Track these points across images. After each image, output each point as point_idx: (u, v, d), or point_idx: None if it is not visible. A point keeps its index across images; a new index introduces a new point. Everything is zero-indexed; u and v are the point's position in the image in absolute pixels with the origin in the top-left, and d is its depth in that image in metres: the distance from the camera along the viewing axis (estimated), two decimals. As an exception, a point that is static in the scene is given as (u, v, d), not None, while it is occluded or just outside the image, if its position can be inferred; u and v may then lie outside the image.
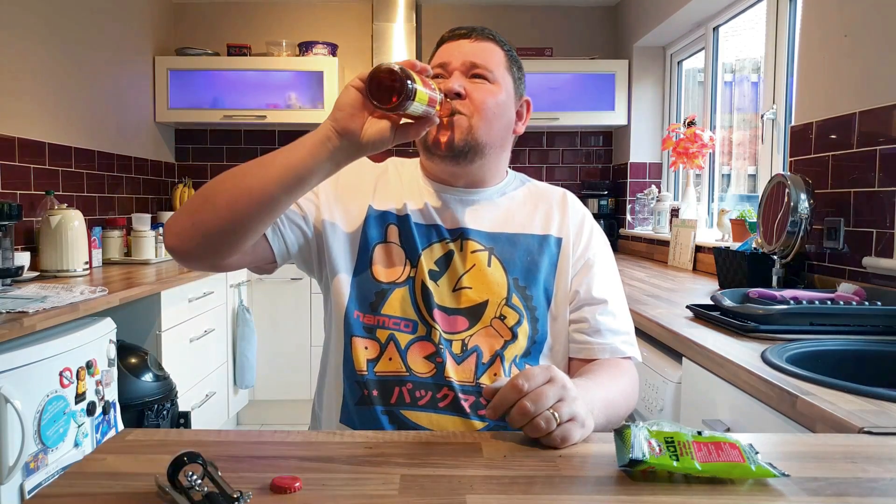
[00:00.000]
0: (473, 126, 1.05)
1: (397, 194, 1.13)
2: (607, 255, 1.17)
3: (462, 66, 1.07)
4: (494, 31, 1.12)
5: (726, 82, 3.44)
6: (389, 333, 1.05)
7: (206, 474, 0.65)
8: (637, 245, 3.79)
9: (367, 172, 1.17)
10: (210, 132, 4.22)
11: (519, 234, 1.11)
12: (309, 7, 4.17)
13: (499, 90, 1.08)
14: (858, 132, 1.82)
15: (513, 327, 1.05)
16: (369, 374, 1.04)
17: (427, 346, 1.04)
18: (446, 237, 1.10)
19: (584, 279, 1.11)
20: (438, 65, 1.08)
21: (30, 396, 1.67)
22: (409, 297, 1.06)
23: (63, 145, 2.94)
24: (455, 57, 1.08)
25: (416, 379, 1.03)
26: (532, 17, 4.18)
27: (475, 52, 1.08)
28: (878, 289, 1.68)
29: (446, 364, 1.03)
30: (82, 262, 2.58)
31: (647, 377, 1.70)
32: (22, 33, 2.66)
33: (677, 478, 0.70)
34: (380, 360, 1.04)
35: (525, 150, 4.24)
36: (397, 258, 1.08)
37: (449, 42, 1.11)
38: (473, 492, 0.67)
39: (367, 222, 1.10)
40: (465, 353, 1.04)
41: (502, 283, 1.07)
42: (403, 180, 1.15)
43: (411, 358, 1.03)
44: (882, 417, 0.92)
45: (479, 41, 1.09)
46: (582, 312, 1.10)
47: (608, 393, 0.96)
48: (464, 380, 1.03)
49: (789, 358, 1.24)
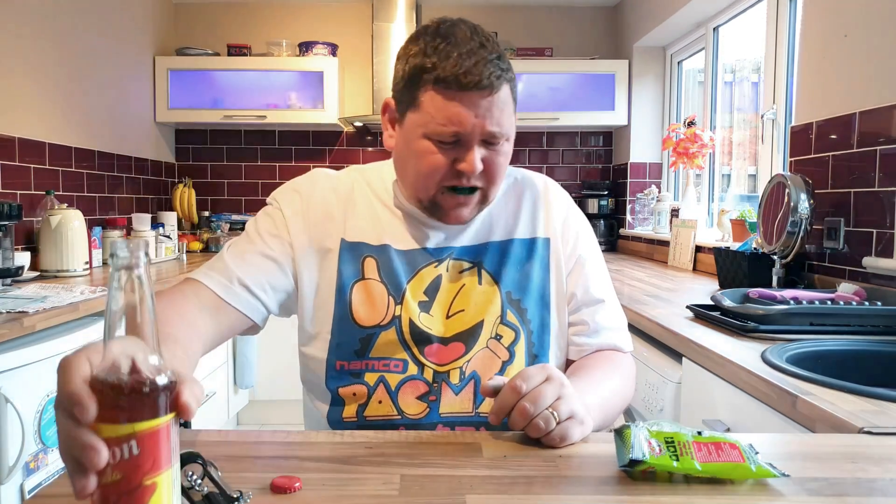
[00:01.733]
0: (487, 195, 1.00)
1: (371, 220, 1.04)
2: (596, 249, 1.14)
3: (480, 138, 0.94)
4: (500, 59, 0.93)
5: (726, 82, 3.44)
6: (379, 375, 0.99)
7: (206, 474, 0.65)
8: (637, 245, 3.78)
9: (335, 198, 1.06)
10: (210, 132, 4.22)
11: (506, 240, 1.06)
12: (309, 7, 4.17)
13: (509, 143, 0.98)
14: (858, 132, 1.82)
15: (510, 346, 1.02)
16: (359, 419, 0.99)
17: (419, 386, 0.99)
18: (432, 260, 1.03)
19: (579, 280, 1.08)
20: (451, 134, 0.92)
21: (30, 396, 1.67)
22: (398, 338, 1.00)
23: (63, 145, 2.94)
24: (473, 128, 0.92)
25: (409, 421, 0.98)
26: (532, 17, 4.18)
27: (493, 116, 0.92)
28: (878, 289, 1.68)
29: (440, 402, 0.98)
30: (82, 262, 2.58)
31: (647, 377, 1.70)
32: (22, 33, 2.65)
33: (677, 478, 0.70)
34: (368, 404, 0.99)
35: (525, 150, 4.24)
36: (378, 297, 1.00)
37: (459, 96, 0.91)
38: (473, 492, 0.67)
39: (340, 258, 1.02)
40: (464, 382, 1.00)
41: (495, 300, 1.02)
42: (374, 202, 1.06)
43: (402, 400, 0.98)
44: (882, 417, 0.92)
45: (494, 93, 0.92)
46: (581, 315, 1.08)
47: (603, 392, 0.96)
48: (461, 411, 0.99)
49: (789, 358, 1.24)
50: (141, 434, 0.52)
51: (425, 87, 0.93)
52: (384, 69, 3.89)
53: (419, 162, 0.96)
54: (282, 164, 4.25)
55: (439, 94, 0.92)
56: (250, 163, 4.25)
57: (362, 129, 4.21)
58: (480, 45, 0.92)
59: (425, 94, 0.93)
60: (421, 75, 0.93)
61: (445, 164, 0.95)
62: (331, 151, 4.25)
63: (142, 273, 0.54)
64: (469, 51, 0.91)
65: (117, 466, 0.52)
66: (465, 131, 0.92)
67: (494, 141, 0.95)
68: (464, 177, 0.95)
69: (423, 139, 0.95)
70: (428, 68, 0.92)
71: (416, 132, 0.95)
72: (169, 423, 0.54)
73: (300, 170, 4.21)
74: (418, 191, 0.99)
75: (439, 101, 0.92)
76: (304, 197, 1.05)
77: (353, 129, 4.20)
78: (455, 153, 0.94)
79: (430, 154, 0.95)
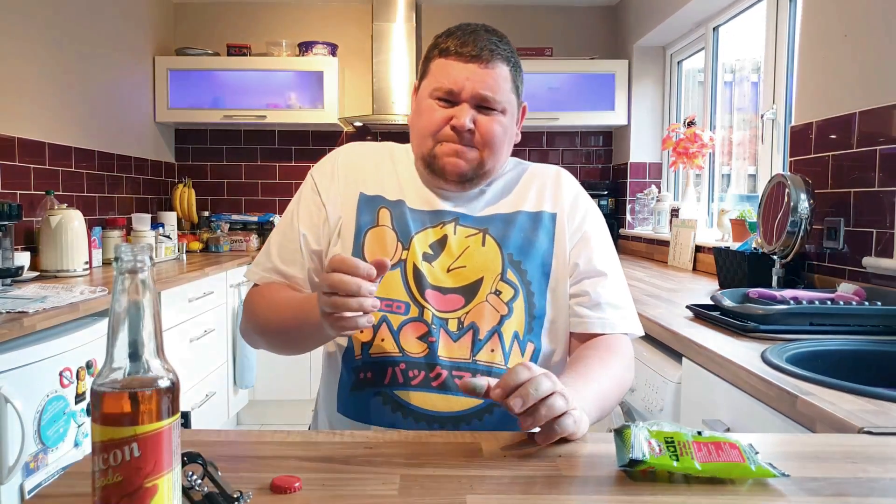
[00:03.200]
0: (483, 159, 1.08)
1: (392, 180, 1.15)
2: (604, 230, 1.18)
3: (471, 98, 1.05)
4: (501, 41, 1.08)
5: (726, 82, 3.44)
6: (382, 315, 1.05)
7: (206, 474, 0.65)
8: (637, 245, 3.79)
9: (367, 157, 1.19)
10: (210, 132, 4.22)
11: (512, 212, 1.13)
12: (309, 7, 4.17)
13: (505, 117, 1.08)
14: (858, 132, 1.82)
15: (508, 302, 1.06)
16: (364, 356, 1.06)
17: (420, 327, 1.05)
18: (441, 221, 1.11)
19: (582, 251, 1.12)
20: (446, 90, 1.06)
21: (30, 396, 1.67)
22: (401, 278, 1.07)
23: (63, 145, 2.94)
24: (465, 87, 1.05)
25: (409, 359, 1.04)
26: (532, 17, 4.18)
27: (486, 82, 1.05)
28: (878, 289, 1.68)
29: (439, 343, 1.04)
30: (82, 262, 2.58)
31: (647, 377, 1.70)
32: (22, 33, 2.65)
33: (677, 478, 0.70)
34: (373, 342, 1.05)
35: (525, 150, 4.24)
36: (389, 241, 1.09)
37: (457, 61, 1.06)
38: (473, 492, 0.67)
39: (358, 208, 1.12)
40: (462, 331, 1.05)
41: (496, 259, 1.08)
42: (399, 168, 1.17)
43: (404, 339, 1.04)
44: (882, 417, 0.92)
45: (490, 67, 1.05)
46: (582, 286, 1.11)
47: (600, 386, 0.97)
48: (459, 357, 1.04)
49: (789, 358, 1.24)
50: (142, 437, 0.52)
51: (434, 58, 1.09)
52: (384, 69, 3.89)
53: (420, 118, 1.10)
54: (282, 164, 4.25)
55: (443, 60, 1.08)
56: (250, 163, 4.25)
57: (362, 129, 4.21)
58: (486, 30, 1.09)
59: (434, 62, 1.09)
60: (433, 50, 1.10)
61: (441, 117, 1.07)
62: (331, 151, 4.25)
63: (146, 277, 0.54)
64: (473, 31, 1.08)
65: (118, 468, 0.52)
66: (457, 88, 1.05)
67: (487, 105, 1.06)
68: (458, 134, 1.06)
69: (427, 99, 1.09)
70: (439, 43, 1.09)
71: (424, 94, 1.11)
72: (171, 426, 0.54)
73: (300, 170, 4.23)
74: (420, 146, 1.11)
75: (442, 64, 1.07)
76: (332, 161, 1.20)
77: (353, 129, 4.20)
78: (451, 112, 1.06)
79: (431, 111, 1.08)
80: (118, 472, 0.52)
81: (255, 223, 4.01)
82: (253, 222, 4.01)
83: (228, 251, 3.80)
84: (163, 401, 0.53)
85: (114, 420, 0.52)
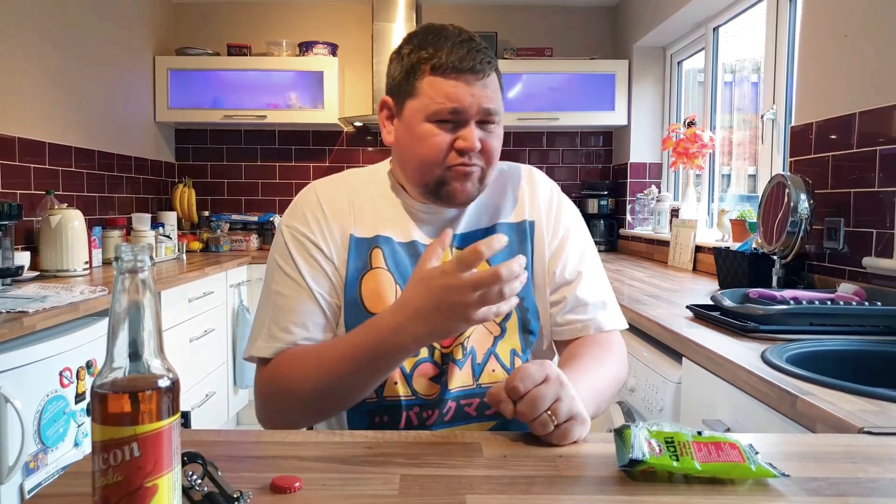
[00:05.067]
0: (486, 175, 1.05)
1: (373, 216, 1.09)
2: (579, 227, 1.16)
3: (477, 115, 1.00)
4: (482, 44, 1.03)
5: (726, 82, 3.44)
6: None
7: (207, 474, 0.65)
8: (637, 245, 3.79)
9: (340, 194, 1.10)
10: (210, 132, 4.22)
11: (493, 226, 1.10)
12: (309, 7, 4.17)
13: (500, 127, 1.05)
14: (858, 132, 1.82)
15: (500, 322, 1.06)
16: (379, 399, 1.03)
17: (430, 368, 1.03)
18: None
19: (559, 260, 1.11)
20: (449, 111, 0.99)
21: (30, 396, 1.67)
22: None
23: (63, 145, 2.94)
24: (470, 104, 0.99)
25: (423, 402, 1.02)
26: (532, 17, 4.18)
27: (487, 95, 1.00)
28: (878, 289, 1.68)
29: (449, 380, 1.02)
30: (82, 261, 2.58)
31: (647, 377, 1.70)
32: (22, 33, 2.65)
33: (677, 478, 0.70)
34: (385, 384, 1.02)
35: (525, 150, 4.23)
36: (387, 284, 1.04)
37: (456, 78, 0.99)
38: (473, 492, 0.67)
39: (349, 252, 1.06)
40: (465, 356, 1.04)
41: None
42: (376, 200, 1.10)
43: (417, 382, 1.03)
44: (882, 417, 0.92)
45: (487, 79, 1.00)
46: (561, 292, 1.10)
47: (595, 382, 0.97)
48: (464, 385, 1.03)
49: (789, 358, 1.24)
50: (142, 436, 0.52)
51: (423, 75, 1.00)
52: (384, 69, 3.88)
53: (422, 145, 1.01)
54: (282, 164, 4.25)
55: (437, 78, 0.99)
56: (250, 163, 4.25)
57: (362, 129, 4.21)
58: (469, 38, 1.02)
59: (423, 80, 1.00)
60: (419, 66, 1.01)
61: (447, 143, 1.00)
62: (331, 151, 4.25)
63: (146, 276, 0.54)
64: (460, 41, 1.01)
65: (118, 468, 0.52)
66: (462, 107, 0.99)
67: (490, 119, 1.01)
68: (465, 155, 1.00)
69: (423, 123, 1.00)
70: (425, 58, 1.00)
71: (416, 118, 1.01)
72: (171, 426, 0.54)
73: (300, 169, 4.23)
74: (424, 175, 1.03)
75: (438, 83, 0.99)
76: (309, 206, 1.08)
77: (353, 129, 4.20)
78: (455, 133, 1.00)
79: (432, 136, 1.00)
80: (118, 471, 0.52)
81: (256, 223, 4.01)
82: (253, 222, 4.02)
83: (228, 251, 3.80)
84: (163, 401, 0.53)
85: (114, 420, 0.52)
